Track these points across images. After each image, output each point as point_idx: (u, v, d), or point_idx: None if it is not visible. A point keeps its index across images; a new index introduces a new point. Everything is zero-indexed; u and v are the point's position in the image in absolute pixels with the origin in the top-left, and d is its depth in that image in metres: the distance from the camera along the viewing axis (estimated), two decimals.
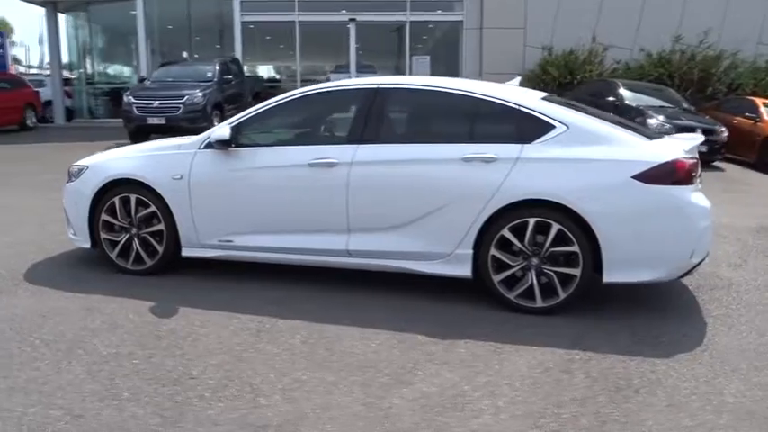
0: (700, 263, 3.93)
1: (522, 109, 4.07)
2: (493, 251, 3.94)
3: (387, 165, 4.15)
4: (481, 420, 2.72)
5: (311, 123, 4.80)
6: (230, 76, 14.20)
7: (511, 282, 3.99)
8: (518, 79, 5.30)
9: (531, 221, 3.86)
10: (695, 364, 3.25)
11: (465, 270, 4.04)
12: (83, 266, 4.86)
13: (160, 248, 4.60)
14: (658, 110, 11.54)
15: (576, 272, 3.84)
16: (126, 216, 4.64)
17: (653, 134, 4.50)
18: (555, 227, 3.82)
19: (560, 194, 3.82)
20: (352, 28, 18.33)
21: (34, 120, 16.95)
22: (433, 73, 19.38)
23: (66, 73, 20.28)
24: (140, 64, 18.16)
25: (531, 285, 3.92)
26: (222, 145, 4.38)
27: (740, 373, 3.16)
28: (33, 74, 32.28)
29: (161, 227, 4.57)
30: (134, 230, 4.64)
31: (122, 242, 4.67)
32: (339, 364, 3.26)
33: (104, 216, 4.67)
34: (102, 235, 4.70)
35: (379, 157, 4.16)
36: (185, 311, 3.94)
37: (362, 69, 18.94)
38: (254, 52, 21.37)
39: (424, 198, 4.06)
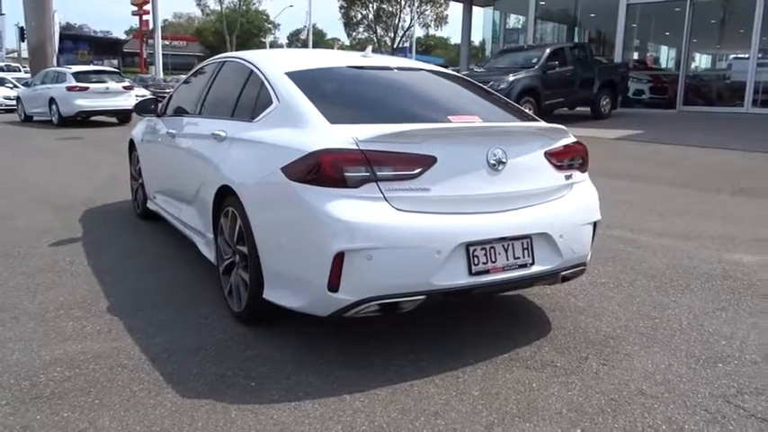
0: (373, 305, 2.68)
1: (263, 80, 3.45)
2: (219, 239, 3.55)
3: (185, 138, 4.14)
4: None
5: (194, 95, 4.91)
6: (556, 62, 13.53)
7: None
8: (369, 48, 4.10)
9: (230, 211, 3.33)
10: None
11: (212, 254, 3.73)
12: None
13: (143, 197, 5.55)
14: None
15: (247, 277, 3.16)
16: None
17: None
18: (238, 221, 3.22)
19: (237, 183, 3.19)
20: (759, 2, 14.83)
21: None
22: None
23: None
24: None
25: (231, 285, 3.39)
26: (142, 114, 5.03)
27: None
28: None
29: (142, 180, 5.50)
30: (138, 181, 5.70)
31: (135, 189, 5.79)
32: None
33: (130, 168, 5.89)
34: (131, 182, 5.93)
35: (187, 130, 4.18)
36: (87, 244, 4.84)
37: None
38: (643, 36, 19.23)
39: (194, 174, 3.90)
